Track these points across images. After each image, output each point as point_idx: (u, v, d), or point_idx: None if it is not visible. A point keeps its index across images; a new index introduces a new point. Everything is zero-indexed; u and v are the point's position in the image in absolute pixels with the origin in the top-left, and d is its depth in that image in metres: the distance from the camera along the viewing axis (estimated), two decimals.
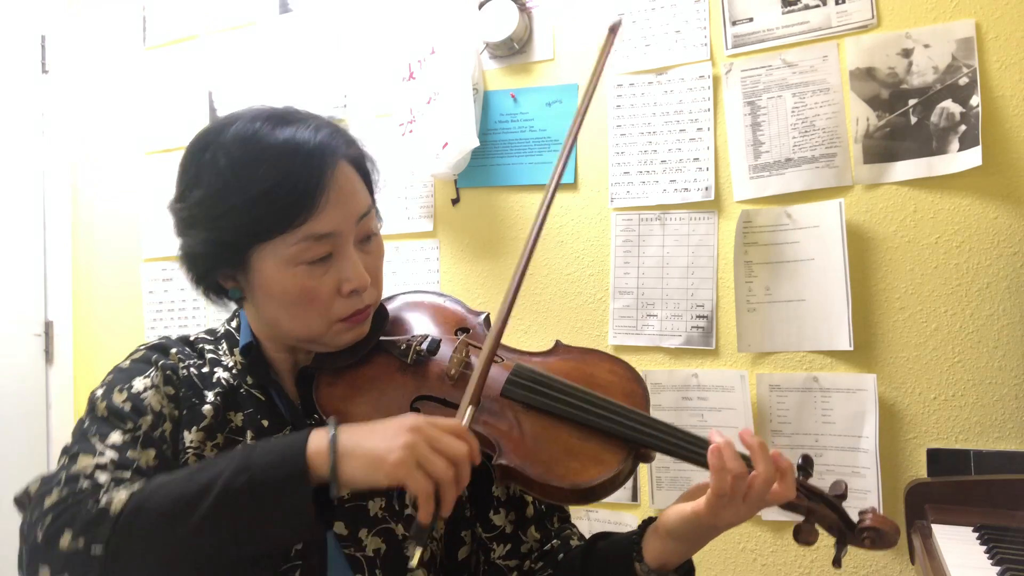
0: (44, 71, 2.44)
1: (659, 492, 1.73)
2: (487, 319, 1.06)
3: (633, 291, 1.77)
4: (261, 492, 0.73)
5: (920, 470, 1.53)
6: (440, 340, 0.97)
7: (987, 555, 1.18)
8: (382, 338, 0.98)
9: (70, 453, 0.83)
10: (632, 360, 1.05)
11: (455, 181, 1.94)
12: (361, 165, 0.94)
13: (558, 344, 1.03)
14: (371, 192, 0.96)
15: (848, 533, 0.87)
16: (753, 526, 1.66)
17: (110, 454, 0.82)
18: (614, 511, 1.78)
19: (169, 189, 0.96)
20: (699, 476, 1.70)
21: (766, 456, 0.81)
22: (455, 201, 1.95)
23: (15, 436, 2.31)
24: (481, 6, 1.85)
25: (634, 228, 1.78)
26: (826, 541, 0.90)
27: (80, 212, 2.47)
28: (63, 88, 2.46)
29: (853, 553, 1.57)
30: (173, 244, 2.37)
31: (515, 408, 0.91)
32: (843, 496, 0.88)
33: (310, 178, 0.85)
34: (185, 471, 0.77)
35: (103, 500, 0.74)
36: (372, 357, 0.97)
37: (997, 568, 1.12)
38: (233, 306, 1.02)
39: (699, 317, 1.71)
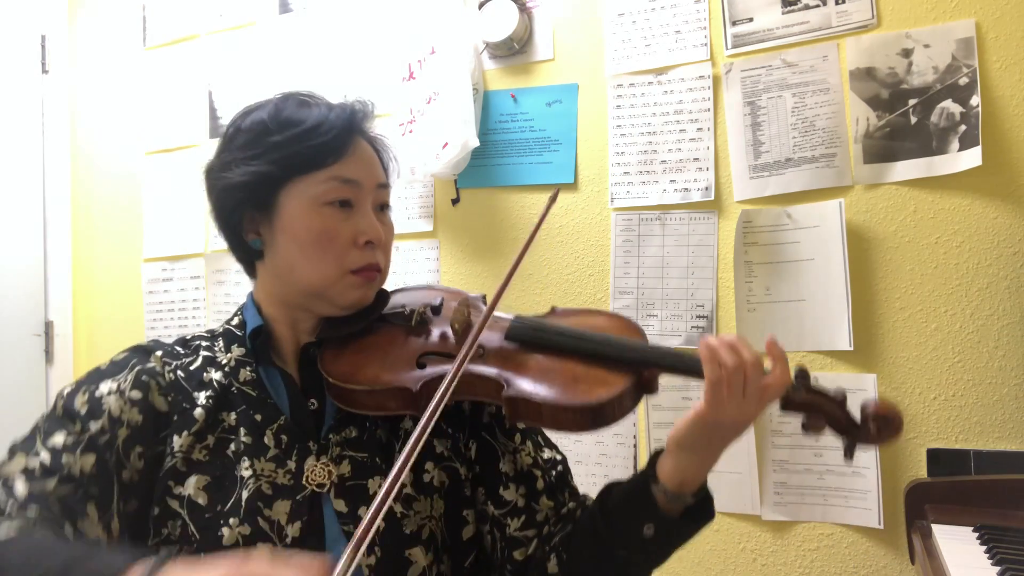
0: (44, 71, 2.44)
1: None
2: (484, 299, 1.08)
3: (633, 291, 1.77)
4: None
5: (920, 470, 1.53)
6: (443, 301, 1.02)
7: (987, 555, 1.18)
8: (385, 312, 1.01)
9: (13, 449, 0.86)
10: None
11: (455, 181, 1.94)
12: (378, 150, 1.04)
13: (554, 308, 1.06)
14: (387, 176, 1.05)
15: (854, 427, 0.87)
16: (753, 526, 1.66)
17: (43, 456, 0.83)
18: None
19: (169, 189, 0.98)
20: None
21: (751, 347, 0.83)
22: (455, 201, 1.96)
23: (15, 436, 2.31)
24: (481, 6, 1.85)
25: (634, 228, 1.78)
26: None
27: (80, 212, 2.47)
28: (63, 88, 2.46)
29: (854, 553, 1.57)
30: (173, 244, 2.37)
31: (520, 350, 0.94)
32: (844, 400, 0.88)
33: (341, 131, 0.96)
34: (37, 549, 0.71)
35: None
36: (376, 329, 1.00)
37: (997, 568, 1.12)
38: (232, 307, 1.03)
39: (699, 317, 1.71)
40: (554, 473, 1.02)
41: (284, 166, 0.94)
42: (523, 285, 1.89)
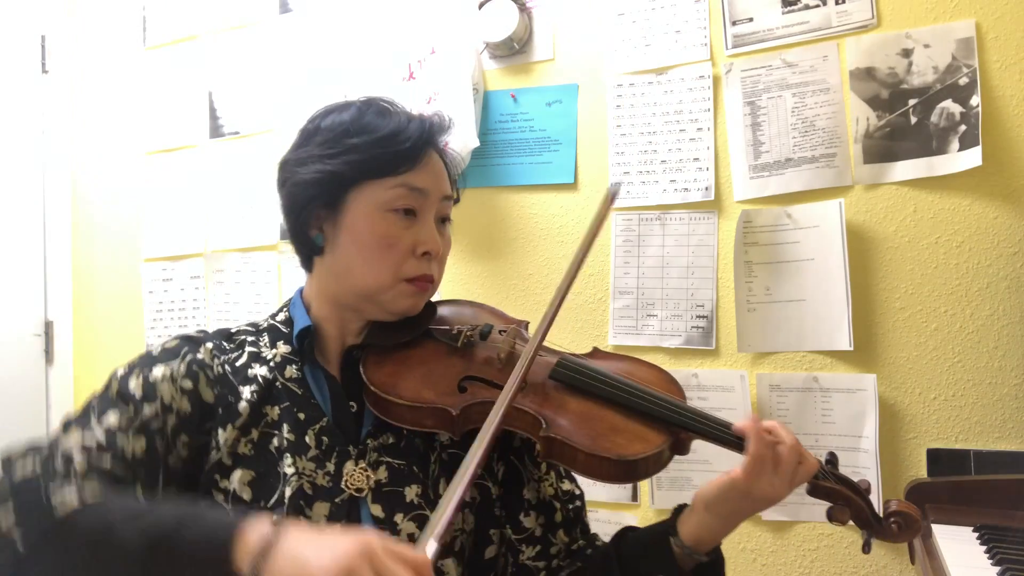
0: (44, 71, 2.44)
1: (659, 492, 1.73)
2: (526, 327, 1.09)
3: (633, 291, 1.77)
4: (179, 563, 0.71)
5: (920, 470, 1.53)
6: (492, 327, 1.02)
7: (987, 555, 1.18)
8: (431, 327, 1.02)
9: (67, 424, 0.89)
10: None
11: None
12: (447, 163, 1.07)
13: (596, 349, 1.08)
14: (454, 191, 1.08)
15: (875, 522, 0.91)
16: (753, 526, 1.66)
17: (99, 434, 0.86)
18: (614, 511, 1.78)
19: (169, 189, 0.97)
20: (699, 476, 1.71)
21: (787, 430, 0.90)
22: (455, 201, 1.95)
23: (15, 436, 2.30)
24: (481, 6, 1.85)
25: (634, 228, 1.78)
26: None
27: (80, 212, 2.47)
28: (63, 88, 2.46)
29: (854, 553, 1.57)
30: (173, 244, 2.38)
31: (561, 390, 0.96)
32: (868, 491, 0.93)
33: (417, 141, 0.98)
34: (132, 506, 0.76)
35: (56, 497, 0.76)
36: (421, 342, 1.01)
37: (997, 568, 1.12)
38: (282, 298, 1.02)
39: (699, 317, 1.71)
40: (571, 508, 1.05)
41: (358, 168, 0.96)
42: (523, 285, 1.89)
